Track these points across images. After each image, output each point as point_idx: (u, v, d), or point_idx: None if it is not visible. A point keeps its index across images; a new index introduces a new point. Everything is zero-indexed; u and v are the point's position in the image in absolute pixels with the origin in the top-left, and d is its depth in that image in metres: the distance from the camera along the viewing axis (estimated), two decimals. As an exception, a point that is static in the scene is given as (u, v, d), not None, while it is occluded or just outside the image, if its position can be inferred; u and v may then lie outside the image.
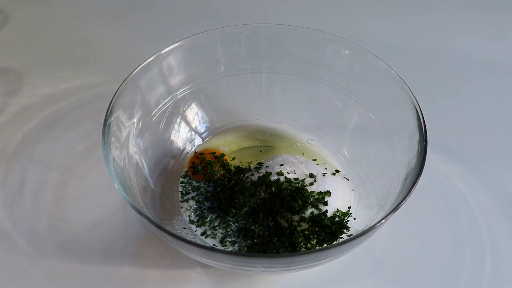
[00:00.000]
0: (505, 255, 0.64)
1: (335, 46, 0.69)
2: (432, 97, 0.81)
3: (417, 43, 0.92)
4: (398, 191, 0.58)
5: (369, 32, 0.94)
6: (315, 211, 0.62)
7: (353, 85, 0.69)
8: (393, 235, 0.64)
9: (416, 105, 0.61)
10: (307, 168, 0.67)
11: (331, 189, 0.64)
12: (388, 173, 0.63)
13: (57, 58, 0.88)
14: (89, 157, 0.73)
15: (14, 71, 0.86)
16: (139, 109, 0.66)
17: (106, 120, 0.59)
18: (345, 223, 0.62)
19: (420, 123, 0.59)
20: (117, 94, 0.61)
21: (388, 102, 0.65)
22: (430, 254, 0.64)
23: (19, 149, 0.74)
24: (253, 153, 0.72)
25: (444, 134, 0.75)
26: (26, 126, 0.77)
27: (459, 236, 0.66)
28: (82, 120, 0.78)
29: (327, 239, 0.61)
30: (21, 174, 0.71)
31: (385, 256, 0.63)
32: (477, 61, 0.89)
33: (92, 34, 0.92)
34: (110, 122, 0.59)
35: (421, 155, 0.57)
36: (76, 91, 0.83)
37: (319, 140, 0.73)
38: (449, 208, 0.68)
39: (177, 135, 0.71)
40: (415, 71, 0.85)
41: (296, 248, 0.60)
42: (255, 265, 0.53)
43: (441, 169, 0.72)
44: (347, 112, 0.71)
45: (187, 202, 0.66)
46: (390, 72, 0.65)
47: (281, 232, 0.61)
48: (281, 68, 0.73)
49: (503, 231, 0.66)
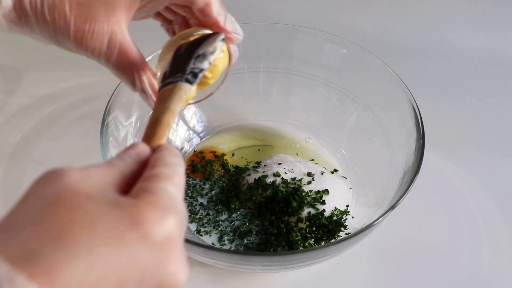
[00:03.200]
0: (503, 253, 0.64)
1: (333, 45, 0.69)
2: (429, 95, 0.81)
3: (415, 41, 0.93)
4: (396, 189, 0.58)
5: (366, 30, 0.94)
6: (312, 211, 0.62)
7: (350, 83, 0.70)
8: (391, 233, 0.64)
9: (413, 103, 0.61)
10: (305, 167, 0.67)
11: (329, 187, 0.65)
12: (386, 171, 0.63)
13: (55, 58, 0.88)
14: (87, 156, 0.73)
15: (13, 71, 0.86)
16: (137, 109, 0.66)
17: (104, 119, 0.59)
18: (343, 221, 0.62)
19: (418, 121, 0.59)
20: (115, 93, 0.62)
21: (386, 100, 0.65)
22: (428, 252, 0.64)
23: (18, 148, 0.74)
24: (252, 152, 0.72)
25: (442, 132, 0.75)
26: (25, 125, 0.77)
27: (457, 234, 0.66)
28: (81, 120, 0.78)
29: (324, 237, 0.61)
30: (20, 173, 0.71)
31: (383, 254, 0.64)
32: (475, 59, 0.89)
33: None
34: (108, 121, 0.60)
35: (419, 153, 0.57)
36: (75, 90, 0.83)
37: (317, 139, 0.73)
38: (447, 206, 0.68)
39: (175, 135, 0.71)
40: (413, 69, 0.86)
41: (294, 246, 0.60)
42: (253, 264, 0.53)
43: (439, 167, 0.72)
44: (344, 110, 0.71)
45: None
46: (387, 70, 0.65)
47: (278, 231, 0.61)
48: (278, 67, 0.73)
49: (501, 229, 0.66)
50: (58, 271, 0.26)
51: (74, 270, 0.26)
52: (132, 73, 0.44)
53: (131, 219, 0.29)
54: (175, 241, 0.30)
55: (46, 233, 0.27)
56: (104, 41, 0.42)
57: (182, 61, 0.42)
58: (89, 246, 0.27)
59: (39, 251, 0.26)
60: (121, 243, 0.28)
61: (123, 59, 0.43)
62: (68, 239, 0.27)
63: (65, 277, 0.26)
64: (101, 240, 0.27)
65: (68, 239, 0.27)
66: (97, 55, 0.43)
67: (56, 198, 0.29)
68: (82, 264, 0.27)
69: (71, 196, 0.29)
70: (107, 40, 0.42)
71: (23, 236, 0.27)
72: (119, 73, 0.44)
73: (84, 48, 0.43)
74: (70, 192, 0.29)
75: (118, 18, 0.43)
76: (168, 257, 0.30)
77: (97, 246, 0.27)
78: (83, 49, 0.43)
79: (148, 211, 0.29)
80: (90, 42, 0.42)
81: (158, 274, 0.29)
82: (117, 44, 0.43)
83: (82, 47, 0.43)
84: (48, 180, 0.30)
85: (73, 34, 0.42)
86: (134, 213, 0.29)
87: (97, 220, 0.28)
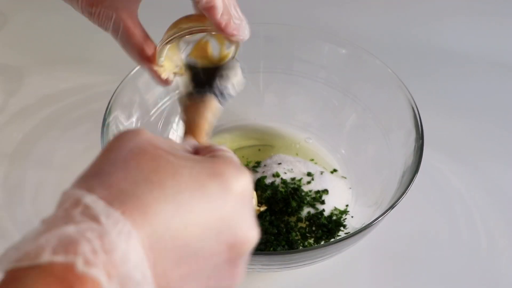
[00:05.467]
0: (502, 253, 0.64)
1: (332, 45, 0.70)
2: (428, 95, 0.81)
3: (414, 42, 0.93)
4: (395, 189, 0.58)
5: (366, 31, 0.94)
6: (312, 211, 0.63)
7: (350, 84, 0.70)
8: (390, 232, 0.65)
9: (412, 103, 0.61)
10: (305, 166, 0.68)
11: (328, 187, 0.65)
12: (385, 171, 0.63)
13: (56, 58, 0.89)
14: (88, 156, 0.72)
15: (14, 71, 0.86)
16: (137, 109, 0.66)
17: (105, 119, 0.59)
18: (342, 221, 0.62)
19: (417, 121, 0.60)
20: (115, 94, 0.62)
21: (385, 100, 0.66)
22: (427, 252, 0.64)
23: (19, 149, 0.74)
24: (252, 152, 0.72)
25: (441, 132, 0.76)
26: (26, 126, 0.77)
27: (456, 234, 0.66)
28: (82, 120, 0.78)
29: (324, 237, 0.61)
30: (21, 174, 0.71)
31: (383, 253, 0.64)
32: (474, 59, 0.89)
33: (91, 34, 0.92)
34: (109, 121, 0.60)
35: (418, 153, 0.57)
36: (76, 91, 0.83)
37: (316, 139, 0.73)
38: (446, 206, 0.69)
39: (175, 135, 0.72)
40: (412, 69, 0.86)
41: (293, 246, 0.60)
42: (253, 263, 0.54)
43: (438, 167, 0.72)
44: (344, 111, 0.71)
45: None
46: (386, 70, 0.65)
47: (278, 231, 0.61)
48: (278, 67, 0.73)
49: (500, 228, 0.66)
50: (149, 210, 0.28)
51: (163, 211, 0.28)
52: (133, 56, 0.47)
53: (212, 171, 0.30)
54: (249, 198, 0.32)
55: (135, 177, 0.29)
56: (109, 24, 0.46)
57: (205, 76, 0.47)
58: (176, 190, 0.29)
59: (131, 192, 0.28)
60: (204, 191, 0.29)
61: (125, 42, 0.47)
62: (157, 183, 0.29)
63: (156, 217, 0.28)
64: (186, 187, 0.29)
65: (157, 183, 0.29)
66: (104, 30, 0.47)
67: (140, 149, 0.30)
68: (170, 206, 0.28)
69: (154, 148, 0.31)
70: (111, 24, 0.46)
71: (113, 179, 0.29)
72: (126, 51, 0.48)
73: (93, 23, 0.47)
74: (152, 145, 0.31)
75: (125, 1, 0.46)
76: (244, 212, 0.31)
77: (183, 191, 0.29)
78: (92, 22, 0.47)
79: (225, 166, 0.31)
80: (97, 21, 0.46)
81: (235, 227, 0.30)
82: (120, 28, 0.46)
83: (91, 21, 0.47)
84: (127, 136, 0.32)
85: (81, 12, 0.46)
86: (214, 166, 0.31)
87: (181, 170, 0.30)
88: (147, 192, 0.28)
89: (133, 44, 0.46)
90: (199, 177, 0.30)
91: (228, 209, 0.30)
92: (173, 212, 0.28)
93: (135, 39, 0.46)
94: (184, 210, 0.28)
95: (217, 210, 0.30)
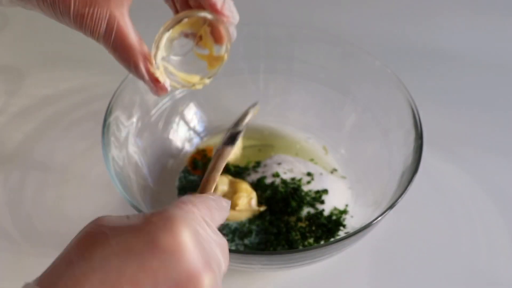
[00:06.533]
0: (501, 252, 0.64)
1: (332, 46, 0.70)
2: (428, 95, 0.81)
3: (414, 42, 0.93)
4: (394, 189, 0.59)
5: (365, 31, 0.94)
6: (311, 210, 0.63)
7: (349, 84, 0.70)
8: (390, 232, 0.65)
9: (412, 103, 0.61)
10: (305, 166, 0.68)
11: (328, 187, 0.65)
12: (385, 171, 0.63)
13: (57, 58, 0.89)
14: (89, 156, 0.73)
15: (14, 71, 0.87)
16: (138, 109, 0.66)
17: (106, 119, 0.60)
18: (342, 221, 0.63)
19: (416, 121, 0.60)
20: (116, 94, 0.62)
21: (385, 100, 0.66)
22: (427, 251, 0.64)
23: (19, 149, 0.75)
24: (252, 152, 0.73)
25: (440, 132, 0.76)
26: (27, 126, 0.77)
27: (456, 233, 0.66)
28: (82, 120, 0.78)
29: (324, 236, 0.61)
30: (21, 174, 0.71)
31: (382, 253, 0.64)
32: (474, 58, 0.90)
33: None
34: (109, 122, 0.60)
35: (417, 153, 0.57)
36: (76, 91, 0.83)
37: (316, 139, 0.73)
38: (446, 206, 0.69)
39: (176, 135, 0.72)
40: (412, 69, 0.86)
41: (293, 245, 0.60)
42: (253, 263, 0.54)
43: (437, 167, 0.72)
44: (343, 111, 0.71)
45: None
46: (386, 70, 0.65)
47: (278, 231, 0.62)
48: (278, 67, 0.73)
49: (499, 228, 0.66)
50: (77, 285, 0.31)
51: (88, 281, 0.31)
52: (128, 58, 0.46)
53: (140, 233, 0.33)
54: (186, 245, 0.33)
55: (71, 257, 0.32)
56: (102, 25, 0.44)
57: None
58: (103, 259, 0.31)
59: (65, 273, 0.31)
60: (130, 252, 0.32)
61: (120, 44, 0.45)
62: (88, 258, 0.32)
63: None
64: (113, 253, 0.32)
65: (88, 258, 0.32)
66: (96, 37, 0.45)
67: (85, 232, 0.34)
68: (97, 275, 0.31)
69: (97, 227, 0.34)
70: (105, 24, 0.44)
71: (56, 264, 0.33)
72: (117, 56, 0.46)
73: (84, 30, 0.44)
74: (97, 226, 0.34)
75: (119, 1, 0.44)
76: (180, 260, 0.32)
77: (111, 258, 0.31)
78: (82, 30, 0.45)
79: (154, 221, 0.33)
80: (90, 24, 0.44)
81: (172, 277, 0.32)
82: (114, 28, 0.44)
83: (81, 29, 0.44)
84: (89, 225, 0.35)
85: (73, 16, 0.44)
86: (143, 228, 0.33)
87: (110, 240, 0.32)
88: (77, 268, 0.31)
89: (128, 45, 0.45)
90: (127, 241, 0.32)
91: (156, 263, 0.32)
92: (100, 280, 0.31)
93: (130, 39, 0.45)
94: (113, 273, 0.31)
95: (145, 266, 0.31)
